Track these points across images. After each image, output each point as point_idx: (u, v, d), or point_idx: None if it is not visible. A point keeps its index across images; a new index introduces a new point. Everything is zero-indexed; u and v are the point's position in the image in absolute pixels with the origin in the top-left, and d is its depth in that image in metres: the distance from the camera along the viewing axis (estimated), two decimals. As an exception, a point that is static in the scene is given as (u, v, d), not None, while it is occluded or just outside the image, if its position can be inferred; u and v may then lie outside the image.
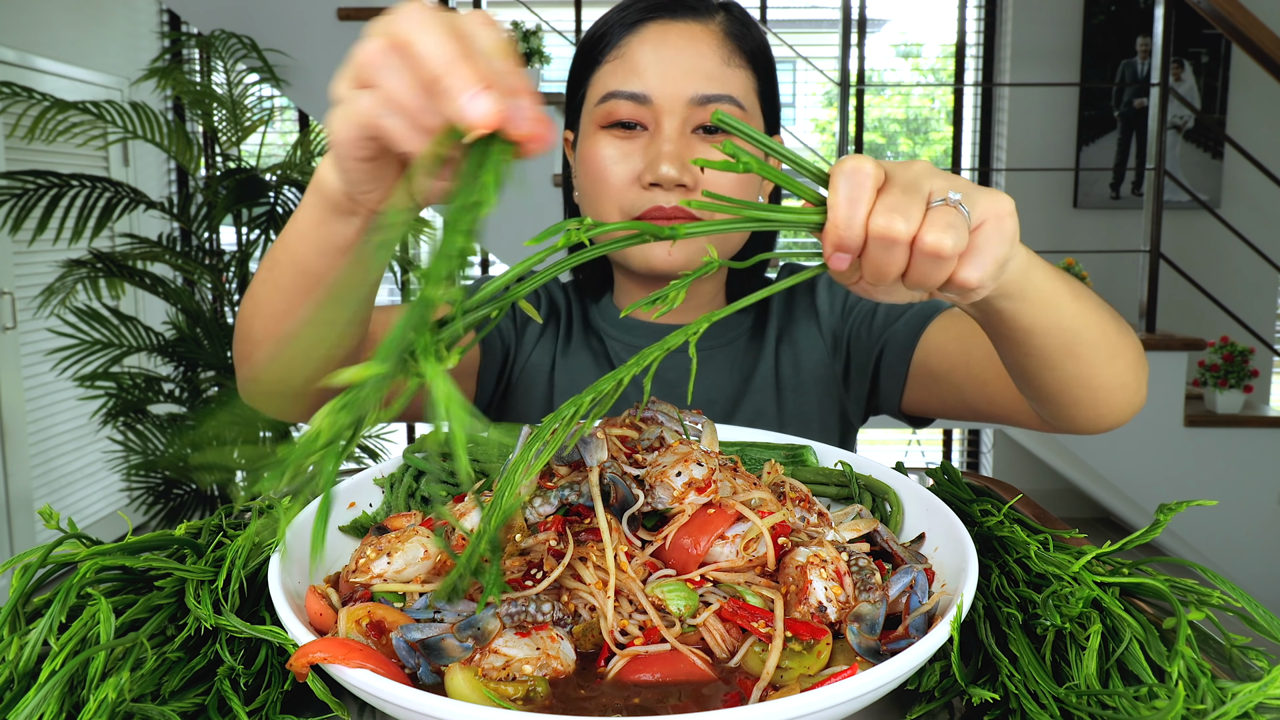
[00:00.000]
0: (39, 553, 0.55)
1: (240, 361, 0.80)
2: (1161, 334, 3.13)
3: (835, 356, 1.06)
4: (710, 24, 0.93)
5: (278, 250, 0.70)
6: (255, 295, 0.74)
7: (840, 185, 0.50)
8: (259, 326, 0.74)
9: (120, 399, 2.97)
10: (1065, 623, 0.53)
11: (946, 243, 0.50)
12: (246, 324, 0.76)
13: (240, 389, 0.83)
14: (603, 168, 0.92)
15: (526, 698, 0.48)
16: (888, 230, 0.50)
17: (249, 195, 2.93)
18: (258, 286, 0.73)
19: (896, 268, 0.52)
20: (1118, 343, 0.73)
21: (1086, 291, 0.71)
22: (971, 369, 0.92)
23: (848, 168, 0.50)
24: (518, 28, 3.32)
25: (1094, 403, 0.76)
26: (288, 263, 0.68)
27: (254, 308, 0.74)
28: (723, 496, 0.59)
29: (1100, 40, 4.00)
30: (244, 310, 0.76)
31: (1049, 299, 0.65)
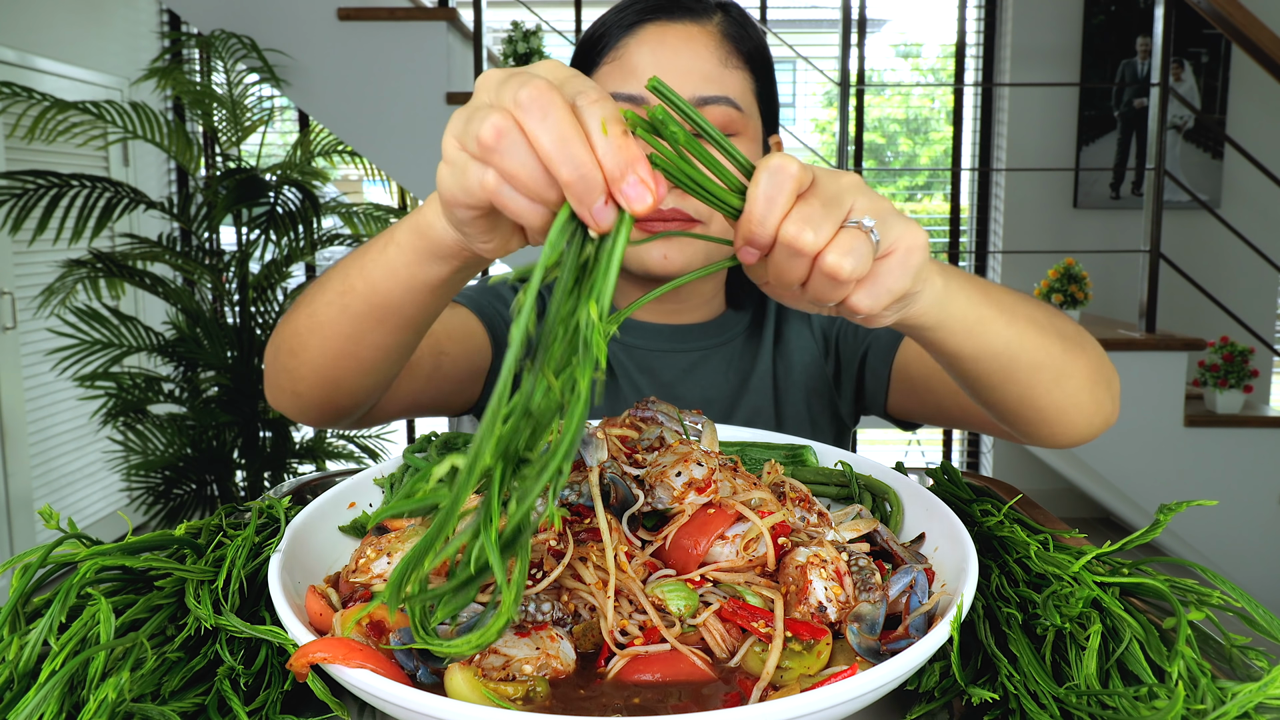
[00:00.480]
0: (39, 553, 0.55)
1: (281, 374, 0.79)
2: (1161, 334, 3.13)
3: (827, 357, 1.07)
4: (708, 25, 0.93)
5: (354, 278, 0.69)
6: (317, 315, 0.73)
7: (761, 181, 0.49)
8: (316, 345, 0.74)
9: (120, 399, 2.97)
10: (1065, 623, 0.53)
11: (845, 266, 0.49)
12: (299, 340, 0.75)
13: (274, 399, 0.83)
14: None
15: (526, 697, 0.48)
16: (795, 239, 0.49)
17: (249, 195, 2.93)
18: (321, 307, 0.72)
19: (797, 276, 0.51)
20: (1065, 365, 0.71)
21: (1030, 313, 0.69)
22: (946, 378, 0.92)
23: (773, 164, 0.49)
24: (518, 28, 3.31)
25: (1044, 422, 0.75)
26: (365, 292, 0.68)
27: (312, 326, 0.74)
28: (723, 496, 0.59)
29: (1100, 40, 4.00)
30: (296, 326, 0.76)
31: (973, 327, 0.63)
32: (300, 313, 0.75)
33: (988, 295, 0.65)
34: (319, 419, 0.83)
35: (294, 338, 0.76)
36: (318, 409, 0.81)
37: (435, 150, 2.42)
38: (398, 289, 0.66)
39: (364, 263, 0.68)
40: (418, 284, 0.65)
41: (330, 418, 0.83)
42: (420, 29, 3.16)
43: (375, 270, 0.67)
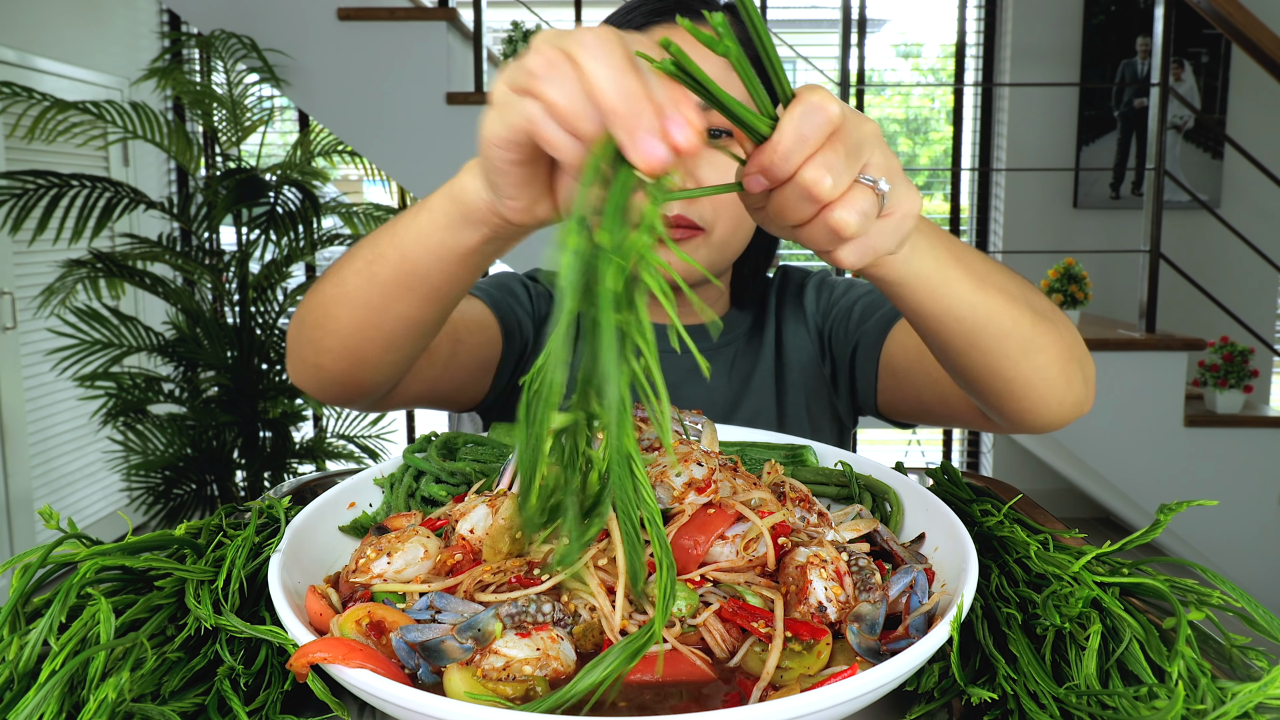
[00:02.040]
0: (39, 553, 0.55)
1: (305, 347, 0.78)
2: (1161, 334, 3.13)
3: (824, 357, 1.07)
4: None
5: (384, 245, 0.69)
6: (345, 285, 0.73)
7: (797, 114, 0.48)
8: (343, 315, 0.73)
9: (120, 399, 2.97)
10: (1065, 623, 0.53)
11: (852, 224, 0.50)
12: (324, 310, 0.75)
13: (295, 373, 0.82)
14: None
15: (526, 697, 0.48)
16: (814, 185, 0.49)
17: (249, 195, 2.93)
18: (350, 276, 0.72)
19: (800, 218, 0.51)
20: (1033, 336, 0.70)
21: (1001, 282, 0.68)
22: (926, 367, 0.92)
23: (814, 101, 0.48)
24: (518, 28, 3.31)
25: (1012, 395, 0.73)
26: (395, 259, 0.68)
27: (339, 296, 0.73)
28: (723, 496, 0.59)
29: (1100, 40, 4.00)
30: (323, 296, 0.75)
31: (937, 287, 0.63)
32: (328, 283, 0.75)
33: (958, 258, 0.64)
34: (339, 395, 0.82)
35: (320, 308, 0.76)
36: (339, 384, 0.80)
37: (435, 150, 2.45)
38: (428, 256, 0.66)
39: (395, 230, 0.68)
40: (447, 250, 0.65)
41: (351, 394, 0.82)
42: (420, 29, 3.16)
43: (406, 236, 0.67)
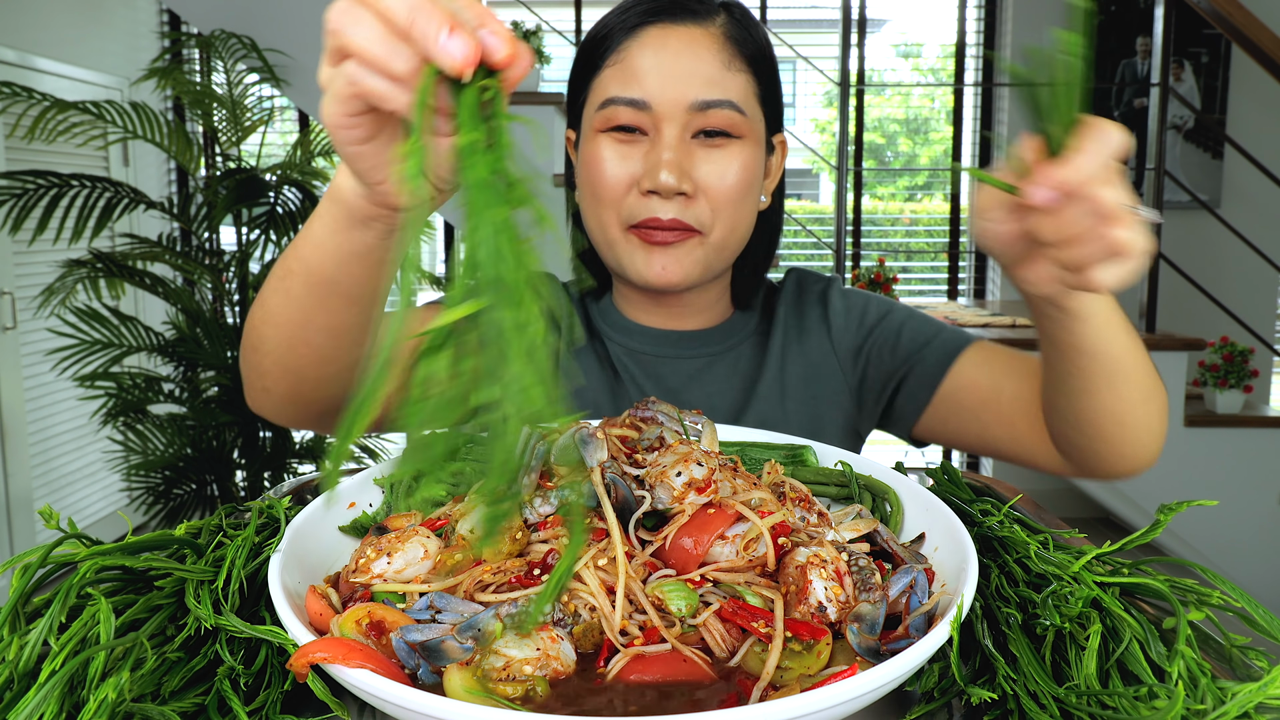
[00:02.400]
0: (39, 553, 0.55)
1: (251, 371, 0.79)
2: (1161, 334, 3.13)
3: (849, 370, 1.04)
4: (710, 27, 0.92)
5: (290, 260, 0.70)
6: (267, 305, 0.73)
7: (1100, 138, 0.53)
8: (270, 335, 0.74)
9: (120, 399, 2.97)
10: (1065, 623, 0.53)
11: (1137, 244, 0.54)
12: (257, 333, 0.76)
13: (251, 400, 0.83)
14: (601, 172, 0.92)
15: (526, 697, 0.48)
16: (1108, 204, 0.53)
17: (249, 195, 2.93)
18: (269, 296, 0.73)
19: (1076, 233, 0.54)
20: (1151, 387, 0.76)
21: (1134, 330, 0.74)
22: (1001, 407, 0.92)
23: (1109, 129, 0.53)
24: (518, 28, 3.31)
25: (1121, 441, 0.79)
26: (301, 272, 0.69)
27: (264, 316, 0.74)
28: (723, 496, 0.59)
29: (1100, 40, 4.00)
30: (253, 320, 0.76)
31: (1104, 326, 0.69)
32: (256, 307, 0.75)
33: (1112, 300, 0.70)
34: (294, 416, 0.82)
35: (253, 333, 0.76)
36: (290, 404, 0.80)
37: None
38: (328, 262, 0.66)
39: (296, 244, 0.69)
40: (344, 254, 0.65)
41: (305, 414, 0.81)
42: (420, 29, 3.15)
43: (305, 248, 0.67)
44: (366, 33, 0.47)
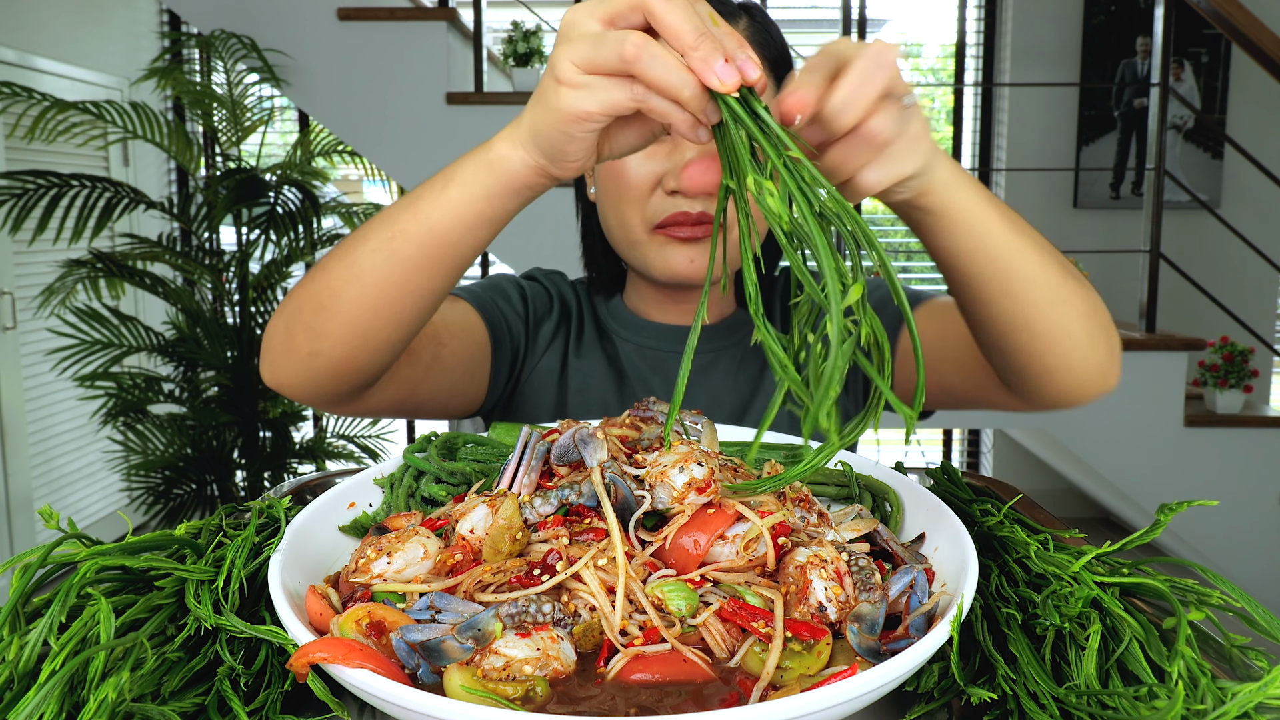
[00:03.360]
0: (39, 553, 0.55)
1: (303, 333, 0.76)
2: (1161, 334, 3.13)
3: None
4: (733, 29, 0.93)
5: (405, 222, 0.69)
6: (359, 264, 0.72)
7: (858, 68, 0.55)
8: (353, 295, 0.72)
9: (120, 399, 2.97)
10: (1065, 623, 0.53)
11: (889, 128, 0.56)
12: (330, 292, 0.73)
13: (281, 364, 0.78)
14: (625, 172, 0.92)
15: (526, 697, 0.48)
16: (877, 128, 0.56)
17: (249, 195, 2.93)
18: (365, 256, 0.71)
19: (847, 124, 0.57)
20: (1060, 287, 0.72)
21: (1030, 231, 0.71)
22: (949, 352, 0.93)
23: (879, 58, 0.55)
24: (518, 28, 3.31)
25: (1042, 353, 0.74)
26: (422, 235, 0.69)
27: (349, 275, 0.72)
28: (723, 496, 0.59)
29: (1100, 40, 4.00)
30: (329, 278, 0.73)
31: (974, 223, 0.67)
32: (334, 266, 0.73)
33: (990, 199, 0.68)
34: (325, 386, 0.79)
35: (324, 291, 0.74)
36: (331, 373, 0.77)
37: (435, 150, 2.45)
38: (460, 227, 0.68)
39: (418, 208, 0.69)
40: (485, 220, 0.68)
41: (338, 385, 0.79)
42: (420, 29, 3.15)
43: (434, 213, 0.68)
44: (664, 70, 0.54)
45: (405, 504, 0.73)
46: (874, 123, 0.56)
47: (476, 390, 1.02)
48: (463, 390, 1.00)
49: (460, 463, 0.77)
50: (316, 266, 0.77)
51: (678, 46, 0.54)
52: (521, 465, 0.66)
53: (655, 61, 0.54)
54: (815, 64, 0.57)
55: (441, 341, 0.93)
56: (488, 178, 0.66)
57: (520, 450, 0.66)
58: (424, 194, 0.69)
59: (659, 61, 0.54)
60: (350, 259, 0.73)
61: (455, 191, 0.67)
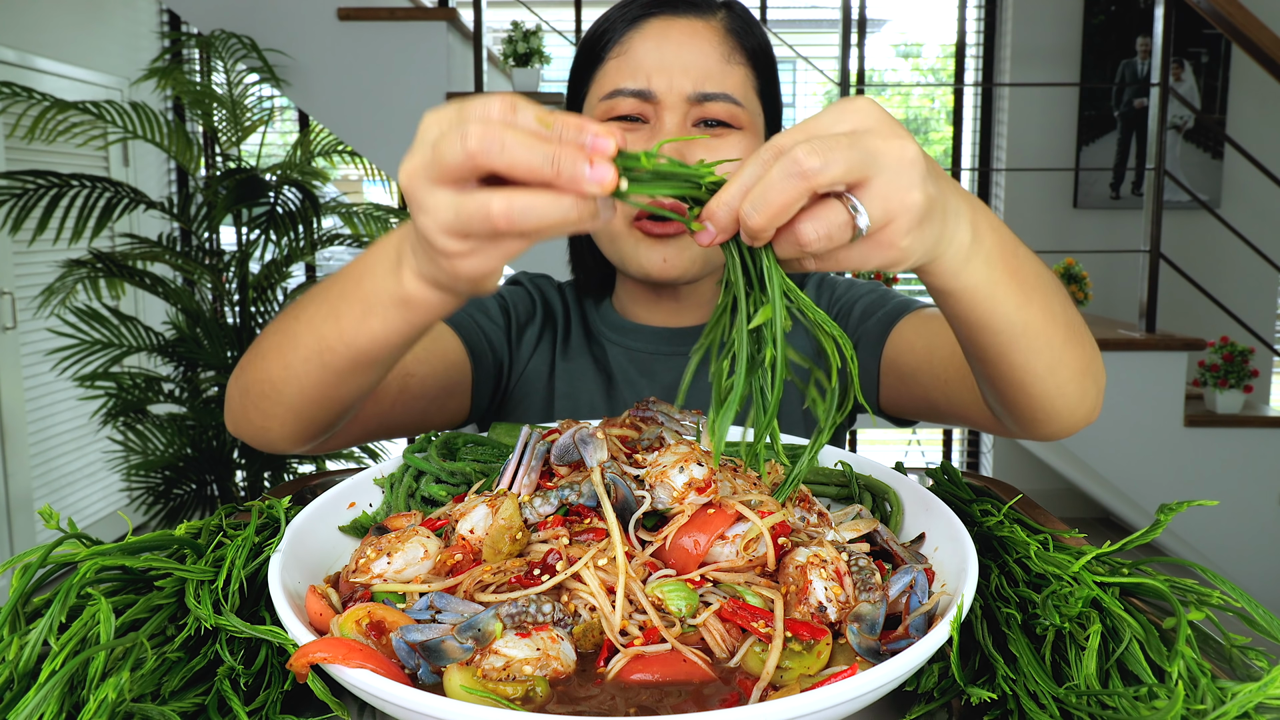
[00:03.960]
0: (39, 553, 0.55)
1: (250, 409, 0.78)
2: (1161, 334, 3.13)
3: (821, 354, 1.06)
4: (712, 21, 0.93)
5: (331, 338, 0.67)
6: (292, 368, 0.71)
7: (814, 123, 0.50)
8: (293, 393, 0.73)
9: (120, 399, 2.97)
10: (1065, 623, 0.53)
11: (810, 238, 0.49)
12: (273, 387, 0.74)
13: (236, 428, 0.82)
14: None
15: (526, 697, 0.48)
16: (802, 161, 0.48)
17: (249, 195, 2.93)
18: (297, 362, 0.71)
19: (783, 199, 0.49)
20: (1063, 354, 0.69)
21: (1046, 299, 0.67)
22: (935, 368, 0.92)
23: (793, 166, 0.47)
24: (518, 28, 3.31)
25: (1029, 407, 0.74)
26: (348, 354, 0.67)
27: (289, 377, 0.72)
28: (723, 496, 0.59)
29: (1100, 40, 4.00)
30: (269, 373, 0.74)
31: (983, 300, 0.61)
32: (271, 362, 0.74)
33: (1013, 272, 0.62)
34: (284, 449, 0.82)
35: (265, 382, 0.75)
36: (286, 442, 0.80)
37: (435, 150, 2.33)
38: (387, 348, 0.66)
39: (342, 327, 0.66)
40: (412, 338, 0.65)
41: (295, 447, 0.82)
42: (420, 29, 3.16)
43: (359, 339, 0.66)
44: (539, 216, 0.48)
45: (405, 504, 0.73)
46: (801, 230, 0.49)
47: (457, 406, 1.01)
48: (439, 409, 0.99)
49: (460, 463, 0.77)
50: (256, 348, 0.77)
51: (537, 181, 0.47)
52: (521, 465, 0.66)
53: (530, 214, 0.48)
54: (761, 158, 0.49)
55: (410, 372, 0.92)
56: (410, 314, 0.62)
57: (520, 450, 0.67)
58: (344, 310, 0.66)
59: (534, 213, 0.48)
60: (284, 359, 0.72)
61: (377, 324, 0.64)
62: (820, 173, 0.47)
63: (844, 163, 0.47)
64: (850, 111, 0.50)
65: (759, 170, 0.48)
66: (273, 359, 0.73)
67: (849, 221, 0.49)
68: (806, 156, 0.46)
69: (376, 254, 0.63)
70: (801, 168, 0.46)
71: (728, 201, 0.49)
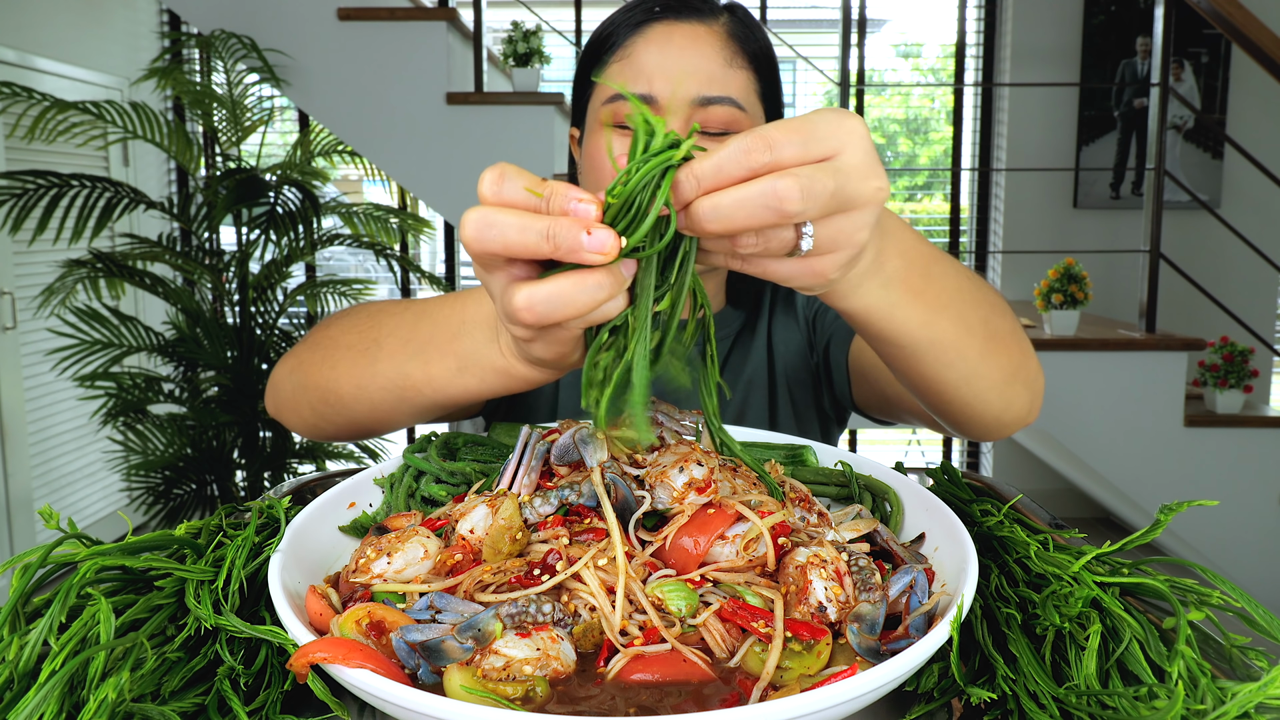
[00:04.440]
0: (39, 553, 0.55)
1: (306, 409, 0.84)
2: (1161, 334, 3.13)
3: (812, 350, 1.08)
4: (714, 25, 0.93)
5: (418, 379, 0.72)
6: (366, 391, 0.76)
7: None
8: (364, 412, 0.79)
9: (120, 399, 2.97)
10: (1065, 623, 0.53)
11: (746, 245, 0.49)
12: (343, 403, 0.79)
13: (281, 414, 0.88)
14: (604, 164, 0.93)
15: (526, 698, 0.48)
16: None
17: (249, 195, 2.93)
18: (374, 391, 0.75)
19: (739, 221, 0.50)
20: (978, 366, 0.69)
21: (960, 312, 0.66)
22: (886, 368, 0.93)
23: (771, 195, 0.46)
24: (518, 28, 3.31)
25: (949, 412, 0.75)
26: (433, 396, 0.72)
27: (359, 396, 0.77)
28: (723, 496, 0.59)
29: (1100, 40, 4.00)
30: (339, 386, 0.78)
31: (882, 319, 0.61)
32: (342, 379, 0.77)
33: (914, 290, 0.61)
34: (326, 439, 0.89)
35: (333, 394, 0.79)
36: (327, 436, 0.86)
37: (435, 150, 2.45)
38: (478, 400, 0.71)
39: (431, 373, 0.70)
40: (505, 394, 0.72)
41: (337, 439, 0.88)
42: (420, 29, 3.16)
43: (450, 389, 0.70)
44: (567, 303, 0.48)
45: (405, 504, 0.73)
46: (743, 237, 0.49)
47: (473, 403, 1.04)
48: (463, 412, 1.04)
49: (460, 463, 0.77)
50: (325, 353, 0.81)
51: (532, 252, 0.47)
52: (521, 465, 0.66)
53: (557, 304, 0.47)
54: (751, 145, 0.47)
55: None
56: (510, 382, 0.66)
57: (520, 450, 0.67)
58: (435, 360, 0.69)
59: (561, 302, 0.47)
60: (358, 382, 0.76)
61: (473, 383, 0.68)
62: (799, 215, 0.46)
63: (821, 208, 0.47)
64: (844, 132, 0.48)
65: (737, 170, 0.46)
66: (344, 377, 0.77)
67: (793, 242, 0.49)
68: (789, 195, 0.45)
69: (473, 311, 0.66)
70: (782, 205, 0.45)
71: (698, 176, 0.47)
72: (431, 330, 0.69)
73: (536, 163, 3.16)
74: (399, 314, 0.75)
